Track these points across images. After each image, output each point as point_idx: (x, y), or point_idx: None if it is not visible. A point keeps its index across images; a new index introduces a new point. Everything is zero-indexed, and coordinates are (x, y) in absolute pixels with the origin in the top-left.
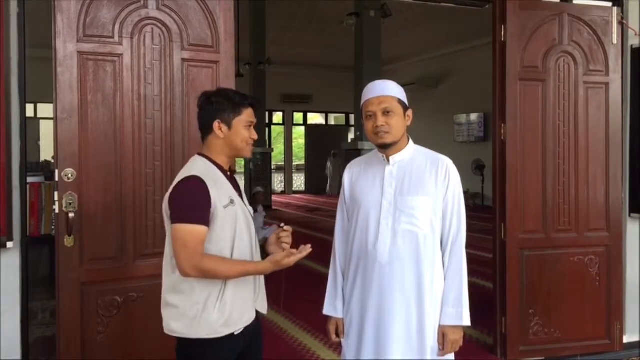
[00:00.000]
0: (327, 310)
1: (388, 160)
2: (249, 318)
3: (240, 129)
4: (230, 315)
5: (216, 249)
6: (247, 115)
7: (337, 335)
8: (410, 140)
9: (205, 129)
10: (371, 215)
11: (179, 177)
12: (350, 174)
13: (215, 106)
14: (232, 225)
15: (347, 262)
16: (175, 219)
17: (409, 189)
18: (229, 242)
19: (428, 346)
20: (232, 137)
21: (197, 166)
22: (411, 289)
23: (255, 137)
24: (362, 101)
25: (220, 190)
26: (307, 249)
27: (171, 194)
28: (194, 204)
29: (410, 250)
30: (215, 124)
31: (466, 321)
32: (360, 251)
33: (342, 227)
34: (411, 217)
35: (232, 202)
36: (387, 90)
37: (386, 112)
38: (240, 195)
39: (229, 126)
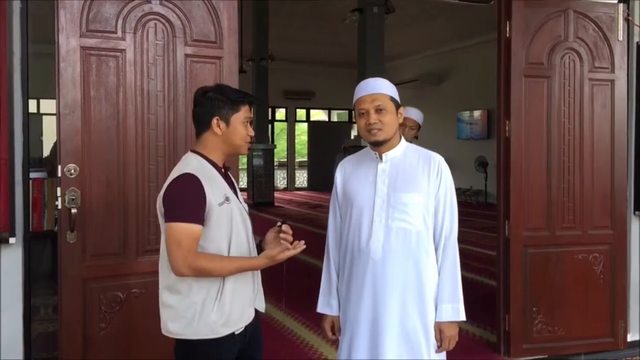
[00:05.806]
0: (321, 308)
1: (381, 158)
2: (248, 317)
3: (238, 126)
4: (230, 314)
5: (213, 247)
6: (245, 112)
7: (333, 333)
8: (402, 138)
9: (202, 126)
10: (364, 213)
11: (173, 175)
12: (343, 172)
13: (213, 102)
14: (228, 223)
15: (340, 260)
16: (169, 218)
17: (402, 186)
18: (226, 240)
19: (431, 343)
20: (230, 135)
21: (191, 163)
22: (410, 286)
23: (252, 134)
24: (355, 99)
25: (215, 188)
26: (301, 245)
27: (165, 192)
28: (187, 202)
29: (404, 247)
30: (214, 121)
31: (462, 317)
32: (354, 249)
33: (334, 225)
34: (404, 213)
35: (227, 199)
36: (379, 88)
37: (379, 110)
38: (235, 192)
39: (227, 123)
